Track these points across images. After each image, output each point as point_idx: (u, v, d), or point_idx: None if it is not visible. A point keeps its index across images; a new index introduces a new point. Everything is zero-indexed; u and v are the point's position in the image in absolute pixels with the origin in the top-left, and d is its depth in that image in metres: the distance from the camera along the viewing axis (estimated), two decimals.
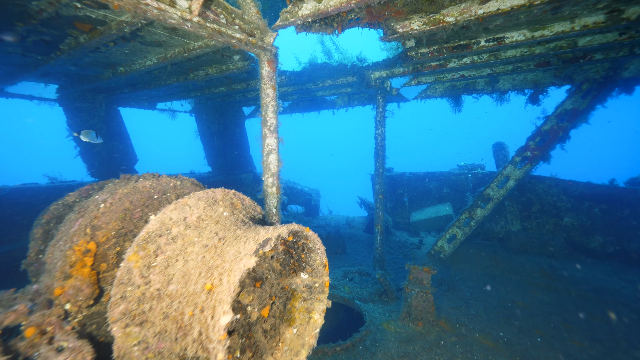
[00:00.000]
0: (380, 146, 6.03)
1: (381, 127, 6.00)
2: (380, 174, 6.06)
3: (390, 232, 7.87)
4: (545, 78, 5.70)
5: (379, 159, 6.05)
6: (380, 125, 5.99)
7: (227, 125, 9.91)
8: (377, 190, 6.11)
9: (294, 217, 9.32)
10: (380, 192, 6.08)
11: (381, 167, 6.05)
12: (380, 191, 6.08)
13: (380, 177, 6.06)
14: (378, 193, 6.11)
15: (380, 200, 6.08)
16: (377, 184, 6.11)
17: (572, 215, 7.18)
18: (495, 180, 6.18)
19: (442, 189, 8.64)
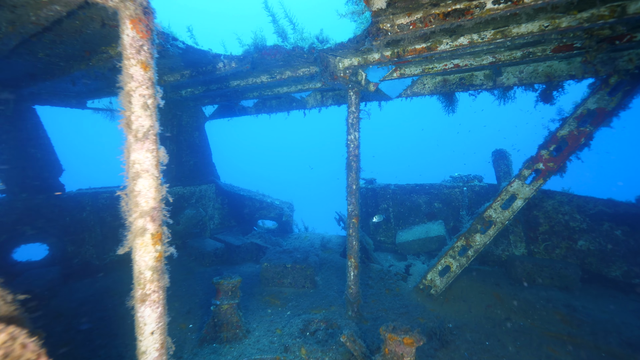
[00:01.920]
0: (354, 155, 4.69)
1: (354, 132, 4.66)
2: (353, 192, 4.71)
3: (371, 258, 6.51)
4: (561, 69, 4.45)
5: (352, 172, 4.70)
6: (353, 130, 4.65)
7: (183, 128, 8.46)
8: (350, 212, 4.75)
9: (260, 236, 7.89)
10: (353, 214, 4.73)
11: (354, 182, 4.71)
12: (354, 213, 4.73)
13: (354, 195, 4.71)
14: (351, 216, 4.75)
15: (354, 225, 4.72)
16: (349, 204, 4.76)
17: (588, 238, 5.95)
18: (499, 198, 4.89)
19: (433, 203, 7.34)
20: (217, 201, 9.13)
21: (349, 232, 4.77)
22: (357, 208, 4.75)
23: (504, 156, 6.37)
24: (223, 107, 8.38)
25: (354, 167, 4.69)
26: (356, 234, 4.75)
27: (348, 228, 4.79)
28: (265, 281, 6.02)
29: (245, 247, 7.42)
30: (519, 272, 6.00)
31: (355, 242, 4.76)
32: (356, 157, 4.70)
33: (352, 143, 4.67)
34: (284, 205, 8.83)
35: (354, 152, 4.68)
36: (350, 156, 4.70)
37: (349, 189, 4.74)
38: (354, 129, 4.65)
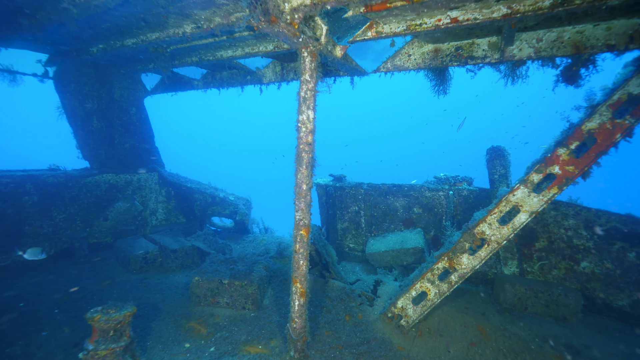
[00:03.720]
0: (306, 143, 3.37)
1: (308, 111, 3.34)
2: (303, 193, 3.41)
3: (333, 273, 5.28)
4: (595, 36, 3.25)
5: (303, 166, 3.39)
6: (306, 107, 3.32)
7: (116, 102, 6.87)
8: (297, 220, 3.46)
9: (205, 238, 6.52)
10: (302, 223, 3.44)
11: (305, 180, 3.40)
12: (303, 222, 3.44)
13: (304, 198, 3.41)
14: (298, 226, 3.46)
15: (302, 239, 3.44)
16: (297, 209, 3.46)
17: (594, 259, 4.92)
18: (496, 210, 3.71)
19: (412, 208, 6.16)
20: (160, 193, 7.65)
21: (295, 248, 3.49)
22: (307, 216, 3.47)
23: (500, 155, 5.22)
24: (168, 79, 6.85)
25: (306, 160, 3.38)
26: (305, 251, 3.48)
27: (295, 242, 3.50)
28: (196, 299, 4.70)
29: (184, 252, 6.04)
30: (509, 296, 4.93)
31: (303, 261, 3.48)
32: (309, 145, 3.39)
33: (305, 126, 3.35)
34: (239, 201, 7.46)
35: (307, 139, 3.37)
36: (301, 144, 3.38)
37: (298, 189, 3.44)
38: (308, 107, 3.33)
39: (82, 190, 6.53)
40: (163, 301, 4.83)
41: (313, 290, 5.05)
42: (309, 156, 3.40)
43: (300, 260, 3.49)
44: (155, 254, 5.98)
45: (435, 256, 4.04)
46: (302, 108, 3.34)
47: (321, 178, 6.82)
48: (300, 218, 3.45)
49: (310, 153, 3.40)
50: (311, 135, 3.39)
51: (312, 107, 3.37)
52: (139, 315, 4.38)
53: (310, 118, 3.36)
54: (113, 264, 6.12)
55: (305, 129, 3.35)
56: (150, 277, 5.69)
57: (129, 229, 6.90)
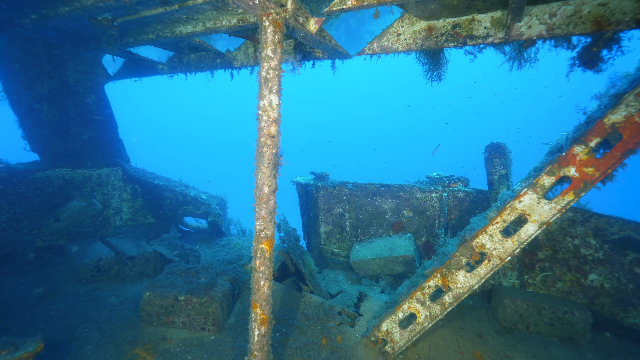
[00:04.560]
0: (268, 135, 2.70)
1: (270, 95, 2.66)
2: (264, 198, 2.75)
3: (310, 285, 4.64)
4: (622, 9, 2.64)
5: (264, 164, 2.73)
6: (268, 91, 2.65)
7: (71, 87, 6.08)
8: (258, 231, 2.80)
9: (170, 243, 5.81)
10: (263, 235, 2.78)
11: (268, 181, 2.74)
12: (264, 234, 2.78)
13: (264, 204, 2.75)
14: (259, 238, 2.80)
15: (263, 254, 2.78)
16: (257, 217, 2.80)
17: (603, 271, 4.38)
18: (498, 219, 3.11)
19: (402, 211, 5.55)
20: (125, 191, 6.89)
21: (255, 265, 2.83)
22: (270, 225, 2.81)
23: (501, 152, 4.62)
24: (131, 62, 6.08)
25: (268, 157, 2.72)
26: (267, 269, 2.82)
27: (254, 258, 2.84)
28: (148, 318, 4.01)
29: (144, 258, 5.34)
30: (509, 313, 4.37)
31: (265, 281, 2.83)
32: (272, 138, 2.72)
33: (266, 114, 2.68)
34: (213, 200, 6.76)
35: (269, 130, 2.70)
36: (262, 136, 2.71)
37: (258, 192, 2.77)
38: (270, 90, 2.66)
39: (31, 187, 5.75)
40: (109, 319, 4.14)
41: (286, 306, 4.42)
42: (272, 152, 2.73)
43: (261, 280, 2.83)
44: (110, 261, 5.26)
45: (426, 272, 3.43)
46: (264, 91, 2.67)
47: (302, 176, 6.16)
48: (261, 228, 2.79)
49: (273, 148, 2.73)
50: (275, 126, 2.72)
51: (276, 90, 2.70)
52: (73, 339, 3.68)
53: (274, 104, 2.69)
54: (62, 272, 5.38)
55: (267, 117, 2.68)
56: (102, 288, 4.97)
57: (86, 231, 6.15)
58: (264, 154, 2.72)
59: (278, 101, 2.71)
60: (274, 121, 2.71)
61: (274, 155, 2.75)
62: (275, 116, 2.71)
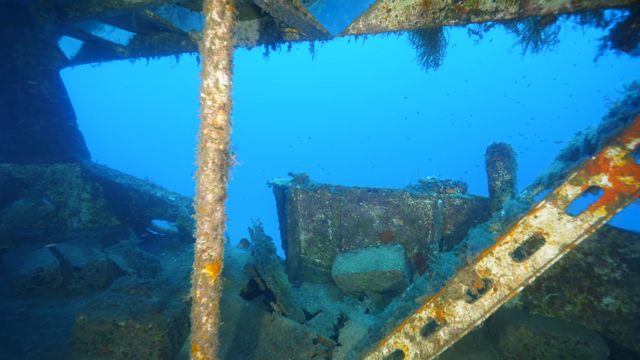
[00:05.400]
0: (213, 126, 2.04)
1: (216, 73, 2.01)
2: (208, 208, 2.09)
3: (284, 306, 3.98)
4: None
5: (208, 163, 2.07)
6: (214, 67, 2.00)
7: (19, 72, 5.33)
8: (199, 252, 2.14)
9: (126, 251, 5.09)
10: (205, 257, 2.12)
11: (212, 186, 2.09)
12: (209, 256, 2.12)
13: (208, 217, 2.09)
14: (201, 262, 2.14)
15: (205, 280, 2.13)
16: (199, 234, 2.14)
17: (621, 294, 3.81)
18: (508, 238, 2.49)
19: (391, 219, 4.92)
20: (84, 189, 6.14)
21: (195, 296, 2.17)
22: (217, 245, 2.15)
23: (505, 155, 4.02)
24: (90, 45, 5.34)
25: (213, 154, 2.07)
26: (211, 301, 2.17)
27: (194, 286, 2.18)
28: (82, 347, 3.31)
29: (94, 269, 4.63)
30: (512, 342, 3.78)
31: (209, 317, 2.18)
32: (219, 130, 2.07)
33: (210, 98, 2.03)
34: (182, 202, 6.06)
35: (214, 120, 2.04)
36: (205, 127, 2.06)
37: (200, 201, 2.11)
38: (216, 66, 2.01)
39: None
40: (36, 347, 3.43)
41: (253, 330, 3.76)
42: (219, 148, 2.07)
43: (203, 315, 2.17)
44: (54, 272, 4.54)
45: (417, 299, 2.80)
46: (208, 68, 2.00)
47: (279, 177, 5.51)
48: (203, 248, 2.13)
49: (220, 143, 2.07)
50: (222, 114, 2.06)
51: (225, 66, 2.04)
52: None
53: (221, 85, 2.02)
54: None
55: (211, 102, 2.02)
56: (40, 304, 4.25)
57: (34, 235, 5.40)
58: (207, 150, 2.06)
59: (227, 81, 2.05)
60: (221, 107, 2.04)
61: (221, 152, 2.08)
62: (223, 101, 2.05)
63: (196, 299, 2.17)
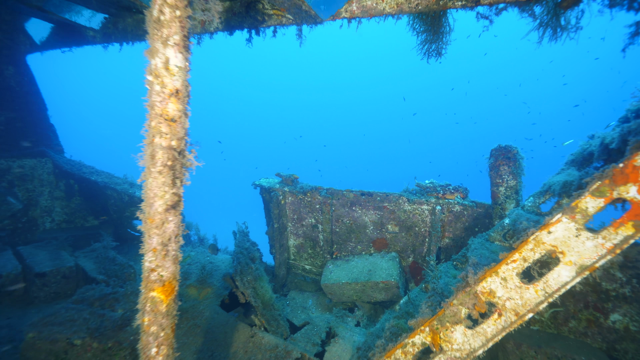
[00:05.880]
0: (163, 118, 1.67)
1: (166, 51, 1.63)
2: (157, 219, 1.72)
3: (265, 320, 3.62)
4: None
5: (156, 164, 1.69)
6: (163, 44, 1.62)
7: None
8: (146, 271, 1.77)
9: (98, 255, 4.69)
10: (155, 278, 1.75)
11: (162, 191, 1.71)
12: (159, 277, 1.75)
13: (157, 229, 1.72)
14: (149, 284, 1.77)
15: (154, 308, 1.76)
16: (147, 249, 1.77)
17: (629, 310, 3.49)
18: (516, 256, 2.14)
19: (386, 225, 4.57)
20: (57, 187, 5.72)
21: (142, 324, 1.81)
22: (168, 263, 1.79)
23: (510, 159, 3.67)
24: (60, 28, 4.91)
25: (163, 151, 1.69)
26: (163, 329, 1.81)
27: (142, 312, 1.82)
28: None
29: (60, 275, 4.24)
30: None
31: (160, 348, 1.82)
32: (172, 122, 1.70)
33: (160, 82, 1.66)
34: None
35: (164, 109, 1.67)
36: (153, 119, 1.69)
37: (149, 209, 1.75)
38: (165, 41, 1.63)
39: None
40: None
41: (229, 346, 3.40)
42: (171, 144, 1.70)
43: (152, 346, 1.81)
44: (14, 278, 4.14)
45: (411, 322, 2.45)
46: (155, 43, 1.63)
47: (266, 179, 5.14)
48: (152, 267, 1.76)
49: (172, 138, 1.70)
50: (176, 102, 1.69)
51: (178, 42, 1.66)
52: None
53: (172, 66, 1.65)
54: None
55: (160, 87, 1.64)
56: None
57: None
58: (155, 147, 1.69)
59: (181, 62, 1.67)
60: (173, 94, 1.67)
61: (173, 150, 1.71)
62: (176, 86, 1.67)
63: (144, 327, 1.80)
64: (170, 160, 1.72)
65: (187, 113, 1.79)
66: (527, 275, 2.15)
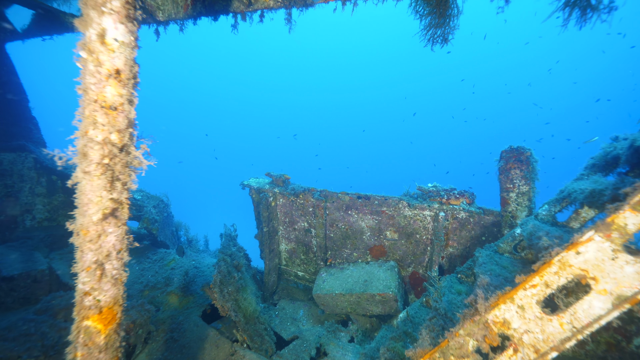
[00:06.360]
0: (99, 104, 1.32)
1: (103, 20, 1.28)
2: (91, 230, 1.37)
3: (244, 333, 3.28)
4: None
5: (90, 158, 1.35)
6: (98, 13, 1.27)
7: None
8: (80, 294, 1.43)
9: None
10: (91, 302, 1.41)
11: (98, 196, 1.36)
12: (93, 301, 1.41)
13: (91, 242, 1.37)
14: (84, 308, 1.42)
15: (89, 339, 1.41)
16: (80, 267, 1.43)
17: None
18: (539, 279, 1.78)
19: (384, 231, 4.21)
20: (39, 183, 5.42)
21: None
22: (106, 285, 1.45)
23: (523, 162, 3.29)
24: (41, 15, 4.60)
25: (101, 147, 1.34)
26: None
27: (73, 344, 1.48)
28: None
29: (31, 279, 3.93)
30: None
31: None
32: (111, 110, 1.35)
33: (95, 59, 1.30)
34: (149, 202, 5.35)
35: (101, 94, 1.32)
36: (87, 105, 1.34)
37: (82, 218, 1.40)
38: (99, 9, 1.27)
39: None
40: None
41: None
42: (109, 139, 1.36)
43: None
44: None
45: (408, 352, 2.09)
46: (90, 12, 1.29)
47: (256, 178, 4.79)
48: (86, 289, 1.43)
49: (111, 131, 1.36)
50: (116, 86, 1.35)
51: (119, 10, 1.32)
52: None
53: (111, 40, 1.31)
54: None
55: (94, 66, 1.30)
56: None
57: None
58: (89, 141, 1.34)
59: (124, 35, 1.33)
60: (112, 76, 1.33)
61: (112, 145, 1.37)
62: (116, 66, 1.33)
63: None
64: (108, 157, 1.38)
65: (133, 100, 1.44)
66: (550, 304, 1.78)
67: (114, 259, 1.50)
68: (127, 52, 1.36)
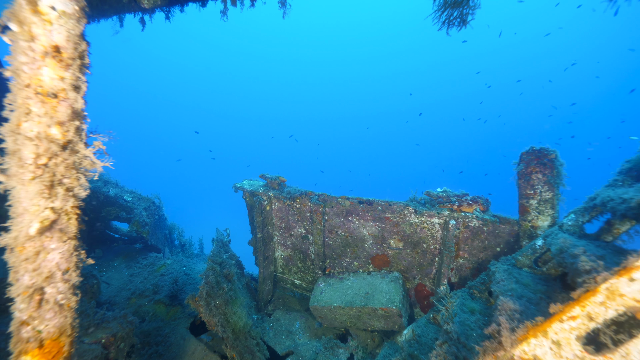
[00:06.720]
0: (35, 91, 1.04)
1: None
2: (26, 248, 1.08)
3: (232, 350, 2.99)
4: None
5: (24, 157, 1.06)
6: None
7: None
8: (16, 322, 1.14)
9: None
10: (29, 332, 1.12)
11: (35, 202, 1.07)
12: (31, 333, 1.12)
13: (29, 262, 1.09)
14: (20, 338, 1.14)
15: None
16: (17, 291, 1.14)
17: None
18: (579, 309, 1.46)
19: (387, 240, 3.90)
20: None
21: None
22: (49, 313, 1.16)
23: (546, 165, 2.97)
24: None
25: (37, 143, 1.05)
26: None
27: None
28: None
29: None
30: None
31: None
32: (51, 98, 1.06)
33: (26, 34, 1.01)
34: (140, 204, 5.08)
35: (36, 77, 1.03)
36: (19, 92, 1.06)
37: (17, 234, 1.11)
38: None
39: None
40: None
41: None
42: (48, 133, 1.08)
43: None
44: None
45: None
46: None
47: (249, 181, 4.51)
48: (23, 319, 1.15)
49: (51, 125, 1.08)
50: (57, 67, 1.07)
51: None
52: None
53: (47, 8, 1.03)
54: None
55: (26, 43, 1.02)
56: None
57: None
58: (21, 136, 1.07)
59: (64, 3, 1.05)
60: (49, 54, 1.05)
61: (52, 141, 1.09)
62: (55, 42, 1.05)
63: None
64: (47, 156, 1.10)
65: (80, 86, 1.16)
66: (593, 342, 1.47)
67: (59, 281, 1.22)
68: (69, 24, 1.09)
